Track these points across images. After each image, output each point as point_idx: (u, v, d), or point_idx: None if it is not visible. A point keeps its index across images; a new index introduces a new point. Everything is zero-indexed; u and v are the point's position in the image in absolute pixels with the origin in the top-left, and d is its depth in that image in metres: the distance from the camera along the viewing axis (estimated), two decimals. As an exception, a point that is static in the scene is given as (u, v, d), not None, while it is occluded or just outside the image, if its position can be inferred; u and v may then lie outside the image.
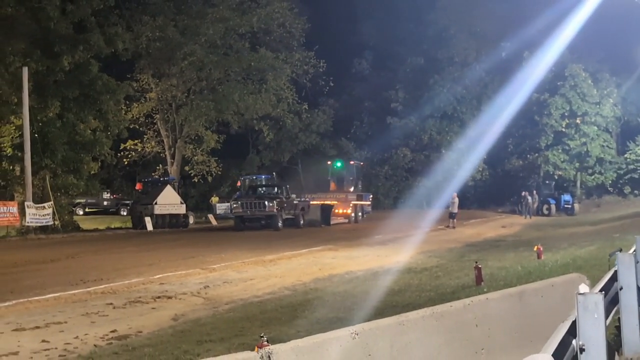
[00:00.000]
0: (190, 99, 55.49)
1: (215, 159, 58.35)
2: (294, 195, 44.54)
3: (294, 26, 56.76)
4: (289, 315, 14.39)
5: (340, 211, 47.83)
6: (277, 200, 40.74)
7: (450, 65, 61.28)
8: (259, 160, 66.05)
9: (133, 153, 57.12)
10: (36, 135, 42.01)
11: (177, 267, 23.51)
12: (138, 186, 50.87)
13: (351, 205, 48.27)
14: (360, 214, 49.83)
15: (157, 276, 21.48)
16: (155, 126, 56.69)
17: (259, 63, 54.95)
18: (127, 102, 52.39)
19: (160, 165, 58.08)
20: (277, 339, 8.58)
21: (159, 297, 17.71)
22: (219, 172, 58.36)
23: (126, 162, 57.86)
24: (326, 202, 46.66)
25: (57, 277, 21.79)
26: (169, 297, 17.76)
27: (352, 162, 55.26)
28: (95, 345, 12.44)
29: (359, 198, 51.18)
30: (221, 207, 55.61)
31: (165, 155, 56.91)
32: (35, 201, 41.11)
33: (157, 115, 55.97)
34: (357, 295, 16.69)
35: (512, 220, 49.65)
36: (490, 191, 63.15)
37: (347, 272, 21.64)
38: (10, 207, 40.30)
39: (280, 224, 40.13)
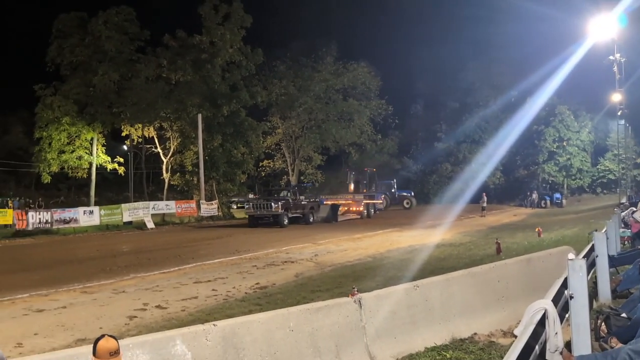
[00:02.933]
0: (304, 132, 56.55)
1: (320, 172, 59.29)
2: (302, 197, 38.69)
3: (371, 83, 57.40)
4: (371, 273, 14.71)
5: (354, 209, 42.75)
6: (282, 201, 35.43)
7: (476, 107, 61.99)
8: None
9: (267, 168, 58.65)
10: (206, 157, 44.63)
11: (297, 242, 24.15)
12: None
13: (363, 204, 43.27)
14: (372, 210, 44.59)
15: (284, 248, 22.34)
16: (282, 150, 57.72)
17: (348, 108, 56.11)
18: (264, 135, 53.33)
19: (285, 176, 58.72)
20: (364, 289, 8.47)
21: (285, 262, 18.38)
22: (323, 180, 58.88)
23: (263, 174, 59.64)
24: (334, 202, 41.53)
25: (220, 248, 22.94)
26: (292, 262, 18.39)
27: (366, 169, 51.98)
28: (245, 293, 13.09)
29: (371, 198, 46.77)
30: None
31: (288, 170, 57.92)
32: (206, 199, 43.65)
33: (283, 144, 57.07)
34: (415, 261, 16.82)
35: (520, 211, 49.38)
36: (505, 191, 62.78)
37: (409, 246, 21.90)
38: (191, 204, 43.27)
39: (285, 222, 34.76)
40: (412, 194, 60.80)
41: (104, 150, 46.58)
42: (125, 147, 51.09)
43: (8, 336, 9.38)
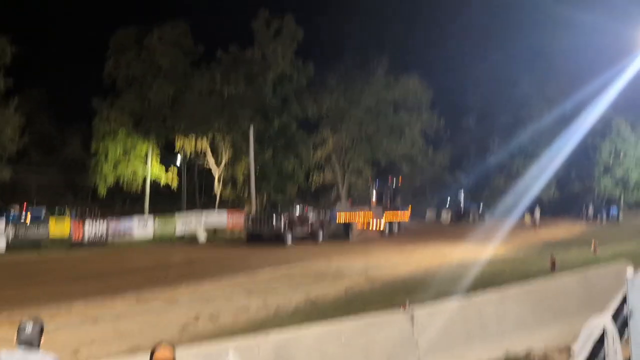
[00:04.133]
0: (354, 145, 55.95)
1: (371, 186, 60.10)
2: (311, 214, 34.65)
3: (422, 96, 56.44)
4: (423, 288, 14.48)
5: (374, 226, 37.73)
6: (285, 216, 31.59)
7: (529, 120, 60.54)
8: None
9: (317, 181, 58.38)
10: (258, 170, 45.74)
11: (346, 256, 24.26)
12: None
13: (383, 219, 38.31)
14: (395, 228, 39.77)
15: (334, 262, 22.27)
16: (332, 163, 57.01)
17: (399, 121, 55.46)
18: (314, 148, 53.50)
19: (335, 189, 57.95)
20: (416, 302, 8.55)
21: (335, 276, 18.48)
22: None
23: (313, 187, 58.72)
24: (348, 219, 36.34)
25: (271, 260, 22.69)
26: (342, 276, 18.42)
27: (390, 177, 46.30)
28: (296, 305, 13.18)
29: (394, 212, 40.84)
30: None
31: (337, 182, 57.33)
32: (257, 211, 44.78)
33: (333, 156, 56.41)
34: (468, 276, 16.50)
35: (575, 225, 48.02)
36: (559, 205, 61.22)
37: (461, 259, 21.40)
38: (243, 214, 43.97)
39: (289, 241, 30.79)
40: (480, 207, 57.88)
41: (158, 163, 47.39)
42: (178, 161, 51.85)
43: (65, 344, 9.54)
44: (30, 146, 41.37)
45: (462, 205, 55.62)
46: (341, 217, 36.25)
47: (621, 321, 6.35)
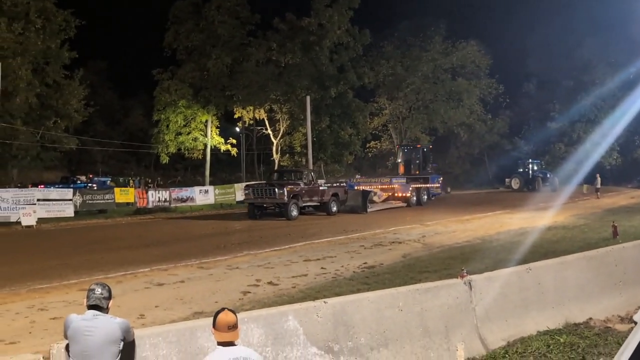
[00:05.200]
0: (412, 113, 55.63)
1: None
2: (321, 181, 32.80)
3: (481, 62, 55.72)
4: (480, 255, 14.31)
5: (400, 194, 34.77)
6: (289, 187, 27.61)
7: (592, 85, 59.13)
8: (457, 154, 65.80)
9: (374, 149, 58.52)
10: (314, 139, 45.17)
11: (403, 223, 24.02)
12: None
13: (411, 188, 35.11)
14: (424, 196, 36.55)
15: (391, 228, 22.19)
16: (389, 132, 57.25)
17: (457, 88, 54.61)
18: (371, 116, 53.72)
19: (392, 158, 56.51)
20: (473, 271, 8.27)
21: (392, 242, 18.25)
22: (431, 161, 58.24)
23: (370, 155, 59.12)
24: (365, 188, 33.40)
25: (329, 228, 23.07)
26: (399, 242, 18.23)
27: (418, 146, 43.44)
28: (353, 272, 13.12)
29: (423, 181, 37.52)
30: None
31: (395, 151, 58.51)
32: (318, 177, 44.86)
33: (390, 125, 56.50)
34: (526, 244, 16.23)
35: (638, 193, 46.75)
36: (622, 172, 59.62)
37: (520, 228, 21.12)
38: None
39: (294, 213, 27.37)
40: (548, 174, 54.10)
41: (218, 132, 48.03)
42: (237, 129, 52.43)
43: (131, 308, 9.85)
44: (95, 117, 42.27)
45: (530, 173, 53.81)
46: (359, 188, 33.34)
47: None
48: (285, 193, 26.93)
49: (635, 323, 4.71)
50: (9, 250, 19.11)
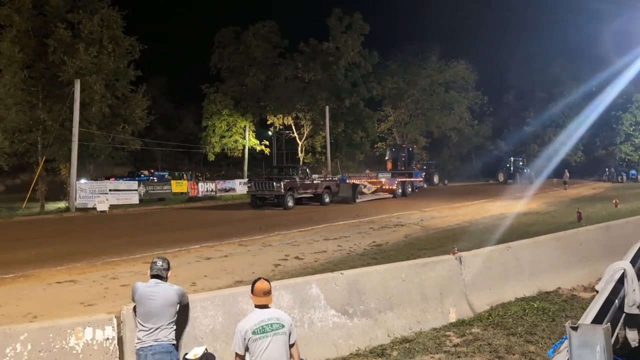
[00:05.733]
0: (412, 119, 55.41)
1: (425, 152, 57.99)
2: (315, 176, 30.65)
3: (469, 77, 55.37)
4: (468, 236, 14.31)
5: (387, 187, 33.25)
6: (286, 181, 26.40)
7: (561, 96, 58.26)
8: (449, 153, 65.19)
9: (381, 149, 57.32)
10: (332, 141, 45.15)
11: (405, 209, 23.85)
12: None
13: (396, 182, 33.73)
14: (409, 189, 34.66)
15: (395, 214, 22.09)
16: (393, 135, 56.65)
17: (449, 99, 54.26)
18: (378, 122, 53.41)
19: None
20: (462, 248, 8.24)
21: (396, 225, 18.20)
22: (427, 159, 57.00)
23: (377, 154, 57.52)
24: (354, 182, 31.73)
25: (344, 213, 22.87)
26: (402, 225, 18.17)
27: (404, 145, 42.03)
28: (364, 249, 13.08)
29: (408, 175, 36.53)
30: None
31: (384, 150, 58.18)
32: (332, 174, 44.97)
33: (394, 129, 56.11)
34: (506, 226, 16.29)
35: (598, 185, 46.47)
36: (585, 168, 58.60)
37: (500, 214, 20.88)
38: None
39: (290, 203, 26.04)
40: (525, 169, 51.78)
41: (254, 135, 48.13)
42: (269, 133, 52.59)
43: (185, 277, 9.96)
44: (155, 123, 42.49)
45: (511, 168, 53.24)
46: (351, 182, 31.41)
47: (639, 265, 6.16)
48: (282, 186, 25.82)
49: (597, 292, 4.74)
50: (87, 230, 19.41)
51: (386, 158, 42.08)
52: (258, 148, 48.19)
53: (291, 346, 4.36)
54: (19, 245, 15.00)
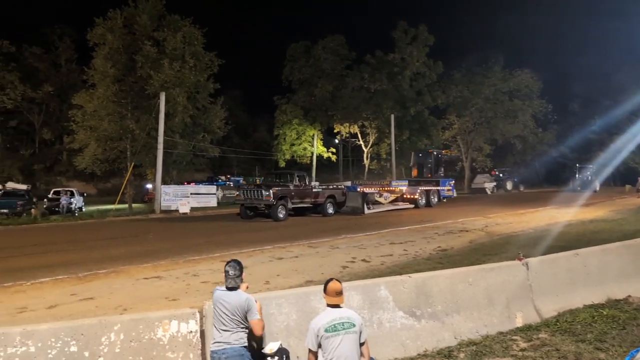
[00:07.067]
0: (476, 127, 54.10)
1: (489, 159, 56.59)
2: (315, 184, 26.97)
3: (533, 86, 53.56)
4: (533, 242, 13.70)
5: (408, 196, 28.91)
6: (275, 189, 22.29)
7: (627, 103, 55.77)
8: (513, 160, 63.73)
9: (445, 156, 58.15)
10: (397, 148, 44.95)
11: (470, 216, 23.23)
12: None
13: (419, 191, 29.39)
14: (434, 199, 30.35)
15: (460, 219, 21.56)
16: (457, 142, 55.71)
17: (513, 107, 52.58)
18: (442, 130, 52.74)
19: (460, 163, 57.17)
20: (527, 255, 7.93)
21: (461, 231, 17.80)
22: (491, 166, 56.36)
23: (443, 161, 58.84)
24: (364, 190, 27.27)
25: (409, 219, 22.67)
26: (466, 231, 17.76)
27: (430, 151, 36.57)
28: (430, 253, 12.84)
29: (434, 184, 31.69)
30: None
31: (462, 158, 56.25)
32: (397, 178, 44.43)
33: (458, 137, 55.07)
34: (572, 233, 15.62)
35: None
36: None
37: (566, 221, 19.97)
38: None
39: (281, 215, 22.18)
40: (596, 178, 48.01)
41: (322, 143, 48.53)
42: (336, 141, 52.77)
43: (259, 276, 10.11)
44: (231, 132, 43.57)
45: (579, 176, 50.56)
46: (363, 190, 27.31)
47: None
48: (272, 194, 22.03)
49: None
50: (170, 231, 20.02)
51: (411, 164, 38.00)
52: (325, 155, 48.62)
53: (362, 345, 4.34)
54: (111, 244, 15.72)
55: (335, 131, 50.07)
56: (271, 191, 22.09)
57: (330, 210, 24.78)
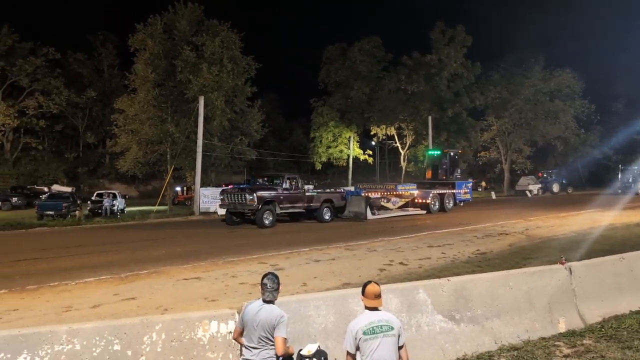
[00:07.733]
0: (515, 128, 52.89)
1: (529, 161, 55.23)
2: (310, 187, 25.71)
3: (575, 86, 52.09)
4: (576, 246, 13.40)
5: (420, 201, 26.68)
6: (260, 192, 20.36)
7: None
8: (554, 162, 62.36)
9: (484, 158, 56.14)
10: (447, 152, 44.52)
11: (510, 219, 22.70)
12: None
13: (431, 195, 26.93)
14: (449, 203, 27.94)
15: (499, 222, 21.17)
16: (496, 144, 54.72)
17: (554, 108, 51.30)
18: (481, 132, 51.80)
19: (499, 165, 55.75)
20: (569, 259, 7.82)
21: (500, 234, 17.44)
22: (531, 168, 55.20)
23: (480, 163, 57.00)
24: (368, 195, 24.32)
25: (446, 221, 22.22)
26: (506, 234, 17.39)
27: (445, 151, 32.67)
28: (468, 257, 12.62)
29: (449, 187, 28.71)
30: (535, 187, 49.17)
31: (501, 160, 54.88)
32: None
33: (497, 138, 54.00)
34: (616, 237, 15.23)
35: None
36: None
37: (610, 224, 19.50)
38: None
39: (267, 222, 20.27)
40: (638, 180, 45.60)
41: (358, 145, 48.48)
42: (373, 143, 52.63)
43: (296, 278, 10.16)
44: (268, 135, 43.95)
45: (622, 177, 48.69)
46: (368, 194, 24.58)
47: None
48: (256, 199, 20.03)
49: None
50: (208, 232, 20.24)
51: (424, 165, 35.33)
52: (362, 157, 48.59)
53: (400, 348, 4.29)
54: (152, 245, 16.07)
55: (371, 133, 49.94)
56: (255, 195, 20.08)
57: (327, 216, 22.86)
